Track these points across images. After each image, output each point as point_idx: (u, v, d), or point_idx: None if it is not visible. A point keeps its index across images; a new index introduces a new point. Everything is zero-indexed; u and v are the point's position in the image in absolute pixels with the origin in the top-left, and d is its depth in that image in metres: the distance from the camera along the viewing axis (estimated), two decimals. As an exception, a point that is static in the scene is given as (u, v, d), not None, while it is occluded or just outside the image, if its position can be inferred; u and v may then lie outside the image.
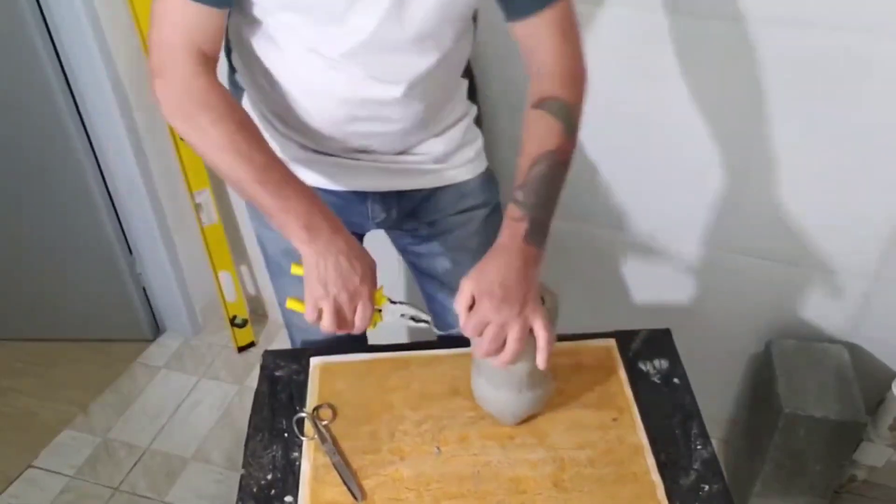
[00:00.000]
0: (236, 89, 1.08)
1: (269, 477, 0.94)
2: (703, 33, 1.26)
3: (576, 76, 0.96)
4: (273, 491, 0.93)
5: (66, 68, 1.66)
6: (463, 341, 1.16)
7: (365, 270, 0.91)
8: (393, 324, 0.97)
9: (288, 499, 0.91)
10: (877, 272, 1.42)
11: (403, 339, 1.29)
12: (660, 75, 1.32)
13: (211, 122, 0.86)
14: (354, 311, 0.90)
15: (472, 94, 1.16)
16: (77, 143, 1.76)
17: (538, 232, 0.90)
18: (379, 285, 0.95)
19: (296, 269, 0.93)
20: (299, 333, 1.24)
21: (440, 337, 1.09)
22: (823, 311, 1.52)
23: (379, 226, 1.19)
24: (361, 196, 1.11)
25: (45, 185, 1.84)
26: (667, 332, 1.14)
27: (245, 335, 2.13)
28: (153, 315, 2.16)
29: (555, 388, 0.99)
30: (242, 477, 0.94)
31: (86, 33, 1.57)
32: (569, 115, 0.93)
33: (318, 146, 1.05)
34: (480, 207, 1.17)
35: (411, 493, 0.91)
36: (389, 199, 1.12)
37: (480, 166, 1.17)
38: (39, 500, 1.73)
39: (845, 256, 1.42)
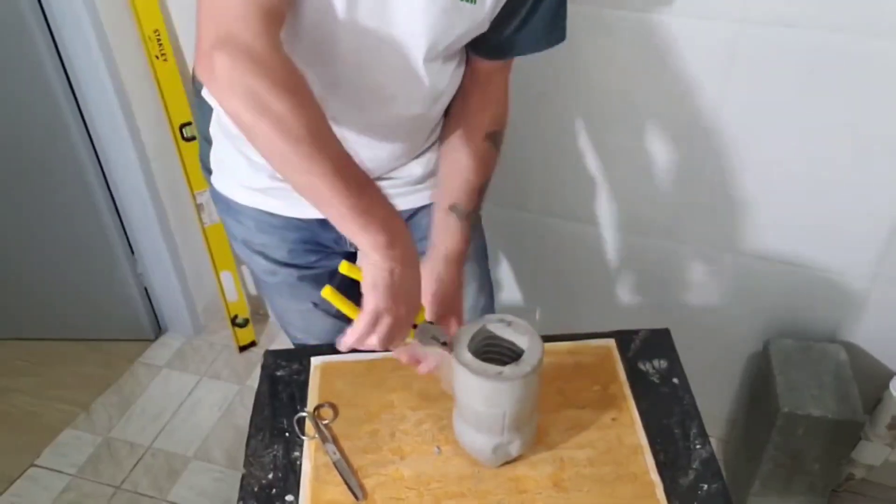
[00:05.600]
0: (203, 107, 1.02)
1: (270, 476, 0.95)
2: (704, 33, 1.26)
3: (508, 112, 1.08)
4: (274, 490, 0.93)
5: (67, 67, 1.66)
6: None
7: (420, 289, 0.84)
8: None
9: (289, 498, 0.92)
10: (874, 272, 1.42)
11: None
12: (660, 75, 1.33)
13: (290, 108, 0.69)
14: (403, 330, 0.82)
15: None
16: (78, 143, 1.77)
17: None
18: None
19: (347, 269, 0.82)
20: (299, 335, 1.24)
21: None
22: (821, 311, 1.52)
23: (356, 252, 1.14)
24: None
25: (46, 184, 1.85)
26: (666, 332, 1.14)
27: (246, 335, 2.13)
28: (155, 315, 2.17)
29: (535, 431, 0.94)
30: (243, 476, 0.95)
31: (86, 31, 1.57)
32: (500, 143, 1.06)
33: None
34: None
35: (412, 492, 0.92)
36: None
37: None
38: (42, 499, 1.73)
39: (843, 256, 1.43)
